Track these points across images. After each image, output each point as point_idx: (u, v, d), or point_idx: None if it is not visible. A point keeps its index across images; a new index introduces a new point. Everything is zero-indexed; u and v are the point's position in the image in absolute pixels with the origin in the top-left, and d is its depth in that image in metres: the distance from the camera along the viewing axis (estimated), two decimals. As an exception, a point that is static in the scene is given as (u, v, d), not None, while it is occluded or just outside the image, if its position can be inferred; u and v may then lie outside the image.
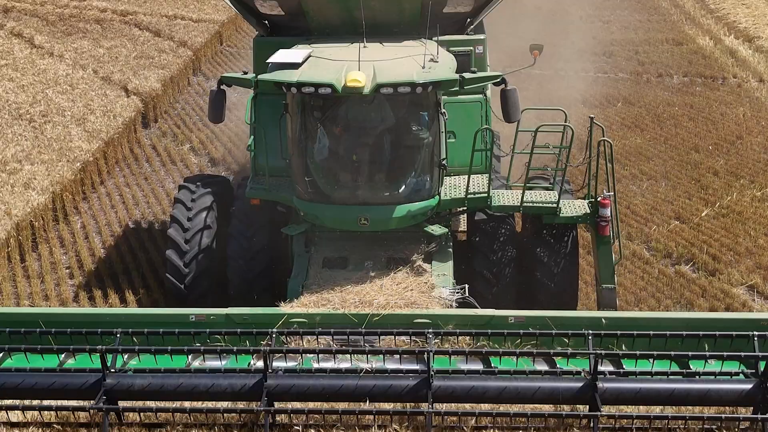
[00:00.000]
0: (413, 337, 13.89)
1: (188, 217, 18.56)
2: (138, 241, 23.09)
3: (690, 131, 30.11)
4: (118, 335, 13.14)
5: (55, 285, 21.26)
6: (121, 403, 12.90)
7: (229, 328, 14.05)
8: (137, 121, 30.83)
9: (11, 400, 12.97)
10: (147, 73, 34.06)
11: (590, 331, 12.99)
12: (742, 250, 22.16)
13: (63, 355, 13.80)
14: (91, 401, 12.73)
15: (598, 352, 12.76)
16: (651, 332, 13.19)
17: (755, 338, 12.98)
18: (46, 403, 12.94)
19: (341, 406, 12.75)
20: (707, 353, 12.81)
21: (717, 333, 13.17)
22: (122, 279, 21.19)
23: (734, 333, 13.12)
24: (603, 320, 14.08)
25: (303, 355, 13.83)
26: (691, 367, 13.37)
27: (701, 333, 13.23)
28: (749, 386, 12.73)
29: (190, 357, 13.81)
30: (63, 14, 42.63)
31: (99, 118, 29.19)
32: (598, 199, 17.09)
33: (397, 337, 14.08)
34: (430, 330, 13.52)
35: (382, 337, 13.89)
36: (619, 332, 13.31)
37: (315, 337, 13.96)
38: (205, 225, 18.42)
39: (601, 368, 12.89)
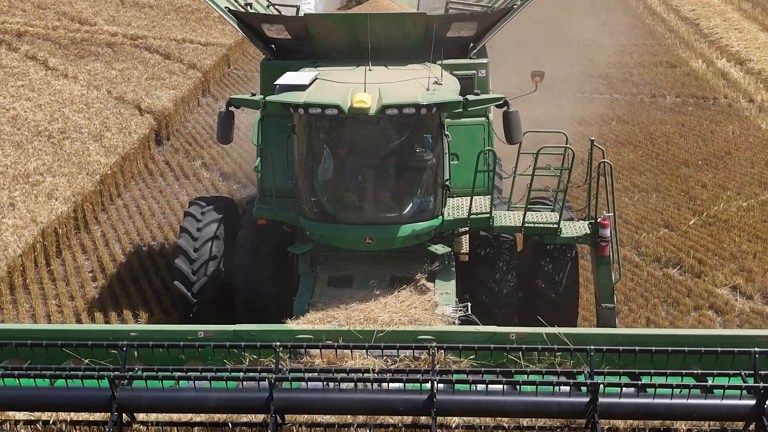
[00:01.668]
0: (416, 352, 14.42)
1: (198, 228, 19.11)
2: (156, 247, 24.35)
3: (681, 147, 31.30)
4: (133, 366, 13.59)
5: (80, 287, 22.51)
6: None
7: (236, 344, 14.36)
8: (151, 138, 31.97)
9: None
10: (159, 93, 35.16)
11: (592, 347, 13.43)
12: (727, 254, 23.45)
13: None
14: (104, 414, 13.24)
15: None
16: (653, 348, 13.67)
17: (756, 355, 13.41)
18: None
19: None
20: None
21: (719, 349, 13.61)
22: (143, 282, 22.49)
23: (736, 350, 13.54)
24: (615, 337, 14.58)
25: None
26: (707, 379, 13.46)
27: (703, 349, 13.65)
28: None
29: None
30: (75, 38, 43.38)
31: (115, 134, 30.44)
32: (598, 220, 17.46)
33: (401, 352, 14.41)
34: (433, 344, 13.76)
35: (386, 351, 14.28)
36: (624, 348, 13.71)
37: (319, 350, 14.37)
38: (214, 236, 18.91)
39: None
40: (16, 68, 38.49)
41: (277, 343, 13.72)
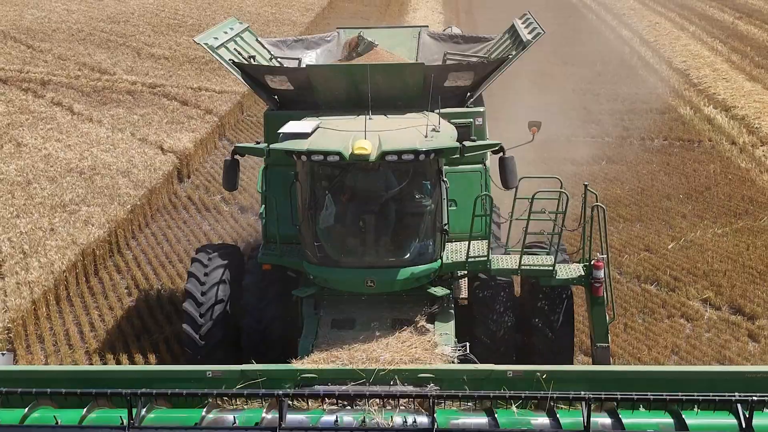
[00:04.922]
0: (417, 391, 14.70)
1: (205, 273, 19.44)
2: (185, 268, 26.42)
3: (665, 183, 33.53)
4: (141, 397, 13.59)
5: (117, 299, 24.96)
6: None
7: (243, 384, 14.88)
8: (174, 175, 34.25)
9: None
10: (179, 136, 37.38)
11: (590, 394, 13.31)
12: (700, 272, 25.81)
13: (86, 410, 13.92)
14: None
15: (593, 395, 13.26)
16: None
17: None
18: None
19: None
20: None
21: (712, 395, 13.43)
22: (175, 298, 24.83)
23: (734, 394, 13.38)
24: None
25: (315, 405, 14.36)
26: (684, 418, 13.53)
27: (698, 395, 13.47)
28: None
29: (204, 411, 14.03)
30: (96, 86, 45.62)
31: (141, 171, 32.88)
32: (592, 262, 17.82)
33: (402, 390, 14.75)
34: (432, 386, 14.24)
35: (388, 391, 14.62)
36: (619, 394, 13.48)
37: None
38: (220, 280, 19.21)
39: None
40: (43, 113, 40.95)
41: (281, 392, 13.77)
